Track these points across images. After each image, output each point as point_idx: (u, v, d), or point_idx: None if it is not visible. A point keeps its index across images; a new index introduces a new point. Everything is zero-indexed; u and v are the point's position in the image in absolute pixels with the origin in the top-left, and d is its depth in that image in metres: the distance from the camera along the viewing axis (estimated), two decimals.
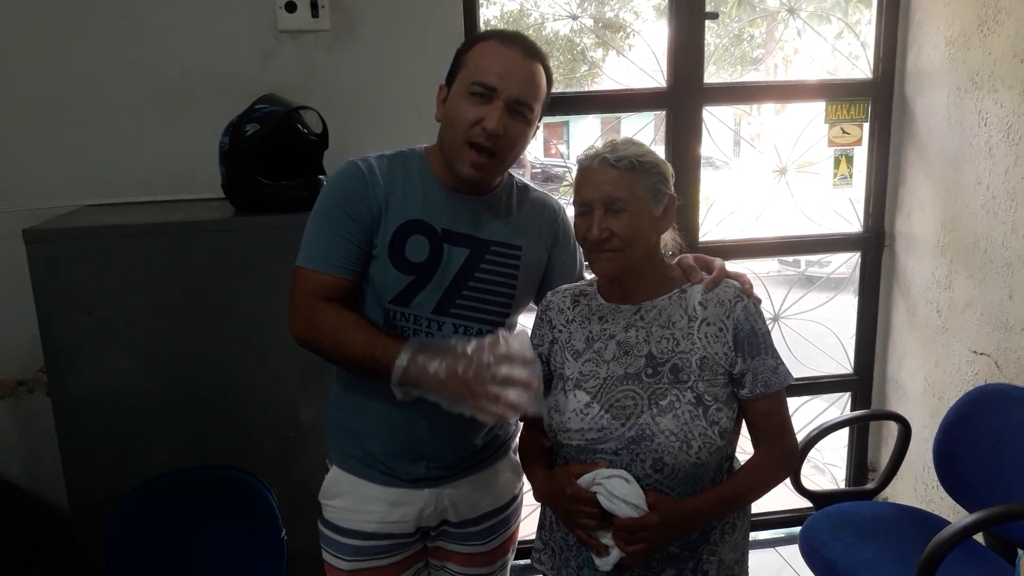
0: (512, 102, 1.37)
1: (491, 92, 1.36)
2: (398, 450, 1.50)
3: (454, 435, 1.50)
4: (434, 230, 1.44)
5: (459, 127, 1.38)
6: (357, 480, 1.53)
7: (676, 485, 1.32)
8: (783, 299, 2.92)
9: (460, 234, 1.46)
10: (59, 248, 1.84)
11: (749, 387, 1.33)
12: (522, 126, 1.41)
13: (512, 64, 1.38)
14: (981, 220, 2.41)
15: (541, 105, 1.44)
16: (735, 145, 3.57)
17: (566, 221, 1.61)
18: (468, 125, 1.37)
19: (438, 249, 1.44)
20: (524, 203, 1.55)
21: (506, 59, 1.38)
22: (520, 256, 1.51)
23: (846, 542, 2.09)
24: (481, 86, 1.36)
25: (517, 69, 1.38)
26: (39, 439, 2.24)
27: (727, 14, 3.12)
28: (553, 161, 7.25)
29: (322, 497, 1.59)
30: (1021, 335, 2.28)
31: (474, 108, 1.37)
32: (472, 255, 1.46)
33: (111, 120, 2.22)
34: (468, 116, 1.37)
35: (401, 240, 1.42)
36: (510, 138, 1.39)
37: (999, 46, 2.30)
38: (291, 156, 2.03)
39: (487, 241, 1.48)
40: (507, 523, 1.66)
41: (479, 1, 2.44)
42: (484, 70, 1.37)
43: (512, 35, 1.42)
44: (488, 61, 1.38)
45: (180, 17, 2.21)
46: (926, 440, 2.39)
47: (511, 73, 1.37)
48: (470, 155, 1.38)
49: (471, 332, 1.46)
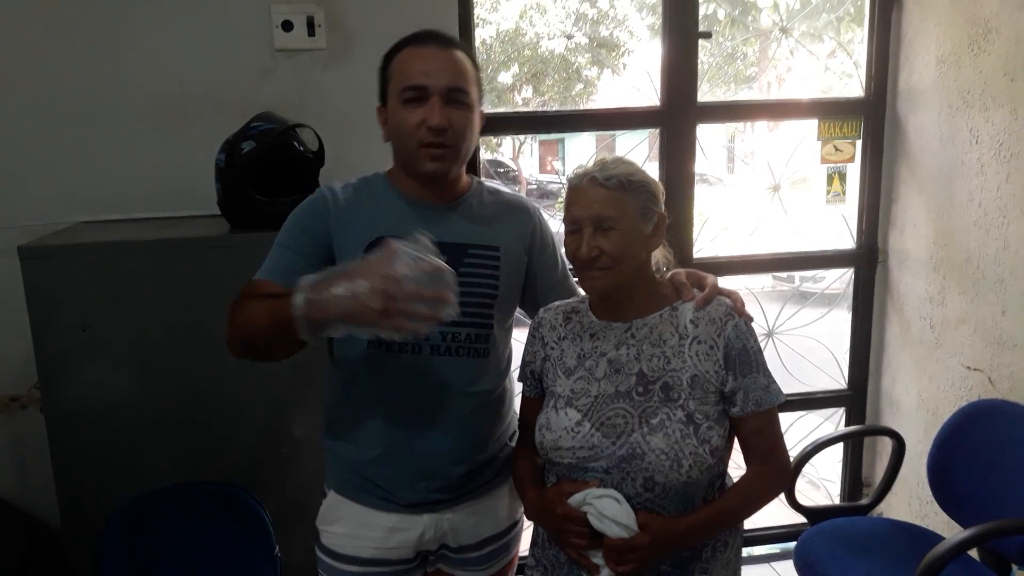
0: (445, 92, 1.39)
1: (423, 91, 1.39)
2: (397, 473, 1.49)
3: (454, 449, 1.49)
4: None
5: (407, 135, 1.40)
6: (355, 506, 1.52)
7: (667, 504, 1.31)
8: (777, 315, 2.93)
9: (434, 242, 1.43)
10: (54, 265, 1.84)
11: (740, 405, 1.33)
12: (464, 112, 1.42)
13: (432, 59, 1.41)
14: (973, 236, 2.42)
15: (476, 88, 1.46)
16: (729, 162, 3.58)
17: (542, 221, 1.61)
18: (414, 130, 1.39)
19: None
20: (497, 206, 1.56)
21: (425, 56, 1.41)
22: (499, 256, 1.50)
23: (841, 558, 2.08)
24: (412, 89, 1.39)
25: (438, 61, 1.41)
26: (32, 455, 2.23)
27: (720, 33, 3.14)
28: (548, 178, 7.30)
29: (319, 523, 1.58)
30: (1014, 351, 2.29)
31: (413, 113, 1.39)
32: (449, 262, 1.41)
33: (107, 137, 2.23)
34: (411, 122, 1.39)
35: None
36: (457, 127, 1.41)
37: (989, 65, 2.32)
38: (287, 173, 2.04)
39: (463, 245, 1.47)
40: (507, 548, 1.64)
41: (475, 22, 2.46)
42: (408, 74, 1.40)
43: (423, 34, 1.45)
44: (409, 65, 1.41)
45: (177, 35, 2.22)
46: (920, 455, 2.39)
47: (434, 67, 1.40)
48: (427, 152, 1.40)
49: (459, 337, 1.46)
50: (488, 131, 2.64)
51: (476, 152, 2.53)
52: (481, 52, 2.66)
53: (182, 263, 1.90)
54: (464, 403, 1.48)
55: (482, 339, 1.49)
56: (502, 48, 3.00)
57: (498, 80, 3.04)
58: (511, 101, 3.11)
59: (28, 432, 2.26)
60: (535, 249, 1.58)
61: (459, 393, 1.47)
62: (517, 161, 5.14)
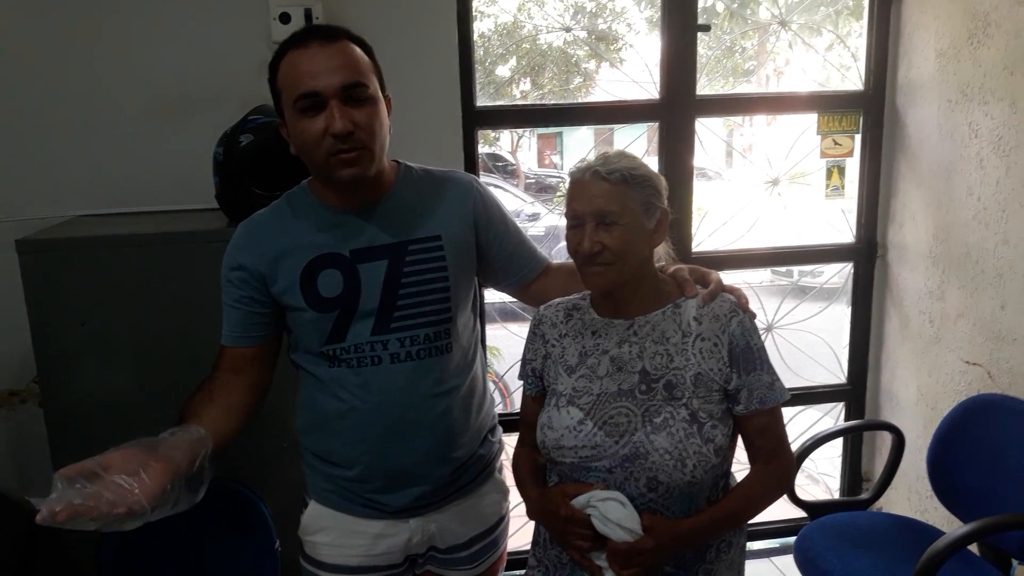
0: (341, 92, 1.29)
1: (316, 97, 1.29)
2: (382, 485, 1.46)
3: (432, 450, 1.46)
4: (341, 256, 1.39)
5: (312, 147, 1.31)
6: (339, 514, 1.50)
7: (671, 504, 1.30)
8: (776, 309, 2.93)
9: (371, 248, 1.40)
10: (52, 258, 1.83)
11: (744, 403, 1.32)
12: (367, 107, 1.32)
13: (317, 59, 1.29)
14: (973, 231, 2.42)
15: (374, 76, 1.36)
16: (728, 156, 3.58)
17: (482, 192, 1.53)
18: (319, 140, 1.30)
19: (352, 273, 1.39)
20: (429, 187, 1.48)
21: (309, 58, 1.30)
22: (442, 245, 1.44)
23: (841, 552, 2.09)
24: (304, 98, 1.29)
25: (326, 60, 1.29)
26: (31, 450, 2.23)
27: (719, 26, 3.13)
28: (547, 171, 7.27)
29: (302, 533, 1.55)
30: (1013, 345, 2.29)
31: (313, 122, 1.29)
32: (392, 264, 1.40)
33: (105, 130, 2.22)
34: (313, 133, 1.29)
35: (311, 281, 1.38)
36: (364, 126, 1.31)
37: (989, 58, 2.32)
38: (285, 166, 2.01)
39: (402, 243, 1.41)
40: (495, 545, 1.63)
41: (472, 14, 2.45)
42: (297, 82, 1.30)
43: (303, 33, 1.34)
44: (295, 72, 1.31)
45: (174, 28, 2.21)
46: (920, 450, 2.40)
47: (323, 67, 1.29)
48: (339, 160, 1.31)
49: (418, 340, 1.42)
50: (487, 125, 2.65)
51: (474, 146, 2.52)
52: (479, 45, 2.65)
53: (180, 257, 1.89)
54: (434, 405, 1.45)
55: (442, 335, 1.45)
56: (500, 41, 2.99)
57: (496, 73, 3.02)
58: (509, 94, 3.09)
59: (27, 426, 2.26)
60: (480, 224, 1.50)
61: (428, 396, 1.44)
62: (515, 155, 5.13)
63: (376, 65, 1.39)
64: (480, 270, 1.56)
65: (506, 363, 2.02)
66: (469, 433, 1.53)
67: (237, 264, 1.43)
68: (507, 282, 1.60)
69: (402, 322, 1.41)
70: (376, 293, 1.39)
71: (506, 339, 2.17)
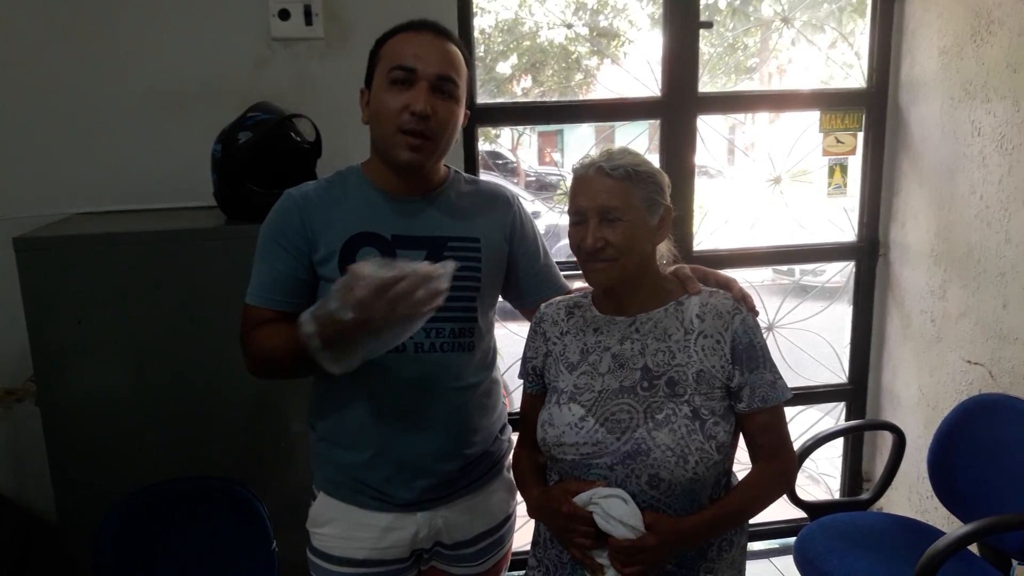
0: (434, 79, 1.36)
1: (411, 74, 1.35)
2: (391, 474, 1.47)
3: (444, 444, 1.47)
4: (383, 239, 1.41)
5: (387, 118, 1.36)
6: (347, 507, 1.50)
7: (673, 502, 1.30)
8: (778, 308, 2.92)
9: (412, 237, 1.43)
10: (49, 257, 1.83)
11: (747, 401, 1.32)
12: (450, 104, 1.39)
13: (426, 45, 1.37)
14: (975, 229, 2.41)
15: (464, 82, 1.42)
16: (729, 154, 3.57)
17: (522, 209, 1.59)
18: (396, 113, 1.35)
19: (391, 257, 1.39)
20: (475, 196, 1.53)
21: (419, 42, 1.38)
22: (479, 248, 1.48)
23: (841, 553, 2.08)
24: (401, 69, 1.35)
25: (432, 48, 1.37)
26: (28, 448, 2.22)
27: (721, 23, 3.12)
28: (548, 169, 7.25)
29: (310, 525, 1.55)
30: (1015, 345, 2.28)
31: (398, 95, 1.35)
32: (429, 256, 1.42)
33: (103, 128, 2.21)
34: (394, 105, 1.35)
35: (350, 256, 1.39)
36: (440, 118, 1.37)
37: (992, 56, 2.31)
38: (284, 164, 2.02)
39: (442, 238, 1.45)
40: (501, 543, 1.64)
41: (473, 11, 2.44)
42: (400, 55, 1.37)
43: (420, 22, 1.41)
44: (402, 47, 1.38)
45: (173, 24, 2.20)
46: (920, 450, 2.39)
47: (427, 53, 1.36)
48: (405, 140, 1.36)
49: (443, 333, 1.44)
50: (487, 122, 2.64)
51: (474, 144, 2.51)
52: (480, 42, 2.64)
53: (178, 255, 1.89)
54: (452, 399, 1.46)
55: (467, 333, 1.47)
56: (501, 38, 2.98)
57: (497, 70, 3.01)
58: (510, 91, 3.08)
59: (24, 425, 2.26)
60: (515, 238, 1.56)
61: (446, 389, 1.45)
62: (516, 152, 5.11)
63: (470, 76, 1.46)
64: (504, 284, 1.59)
65: (505, 362, 2.02)
66: (482, 432, 1.54)
67: (287, 224, 1.42)
68: (527, 300, 1.62)
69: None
70: None
71: (505, 338, 2.17)
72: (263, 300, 1.41)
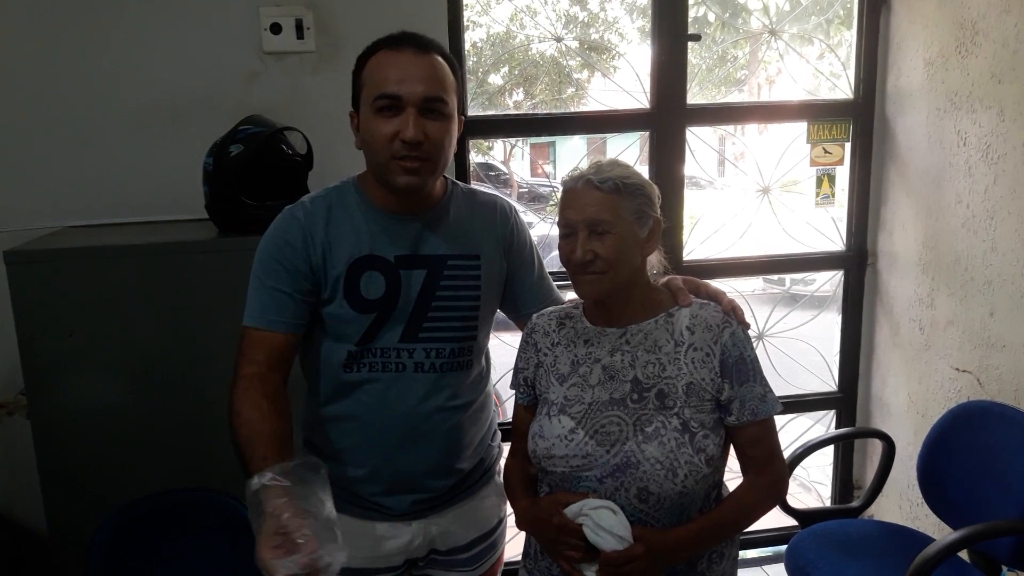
0: (422, 103, 1.32)
1: (397, 101, 1.31)
2: (385, 488, 1.47)
3: (440, 461, 1.48)
4: (386, 261, 1.40)
5: (379, 147, 1.34)
6: (341, 516, 1.48)
7: (662, 516, 1.30)
8: (767, 317, 2.93)
9: (414, 256, 1.42)
10: (40, 269, 1.82)
11: (736, 415, 1.32)
12: (442, 123, 1.35)
13: (408, 66, 1.33)
14: (962, 238, 2.43)
15: (455, 95, 1.39)
16: (719, 165, 3.59)
17: (518, 221, 1.58)
18: (387, 140, 1.32)
19: (395, 279, 1.40)
20: (473, 209, 1.52)
21: (400, 63, 1.33)
22: (480, 265, 1.48)
23: (832, 560, 2.09)
24: (385, 98, 1.32)
25: (415, 69, 1.33)
26: (18, 462, 2.21)
27: (710, 36, 3.15)
28: (539, 181, 7.27)
29: None
30: (1002, 352, 2.29)
31: (387, 123, 1.32)
32: (430, 275, 1.42)
33: (94, 141, 2.21)
34: (384, 132, 1.32)
35: (355, 280, 1.39)
36: (434, 139, 1.34)
37: (977, 67, 2.33)
38: (275, 177, 2.03)
39: (443, 257, 1.44)
40: (494, 547, 1.65)
41: (464, 24, 2.46)
42: (382, 81, 1.33)
43: (399, 37, 1.37)
44: (384, 71, 1.33)
45: (164, 37, 2.20)
46: (910, 457, 2.40)
47: (410, 75, 1.32)
48: (400, 165, 1.33)
49: (443, 353, 1.44)
50: (479, 134, 2.65)
51: (466, 156, 2.53)
52: (471, 55, 2.66)
53: (170, 268, 1.89)
54: (448, 417, 1.47)
55: (465, 352, 1.48)
56: (492, 51, 3.00)
57: (488, 83, 3.03)
58: (502, 104, 3.10)
59: (15, 438, 2.24)
60: (513, 251, 1.56)
61: (443, 408, 1.46)
62: (508, 164, 5.13)
63: (459, 84, 1.41)
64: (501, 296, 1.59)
65: (497, 372, 2.02)
66: (475, 446, 1.55)
67: (290, 244, 1.39)
68: (522, 311, 1.61)
69: (430, 333, 1.43)
70: (411, 301, 1.42)
71: (497, 348, 2.17)
72: (264, 322, 1.39)
